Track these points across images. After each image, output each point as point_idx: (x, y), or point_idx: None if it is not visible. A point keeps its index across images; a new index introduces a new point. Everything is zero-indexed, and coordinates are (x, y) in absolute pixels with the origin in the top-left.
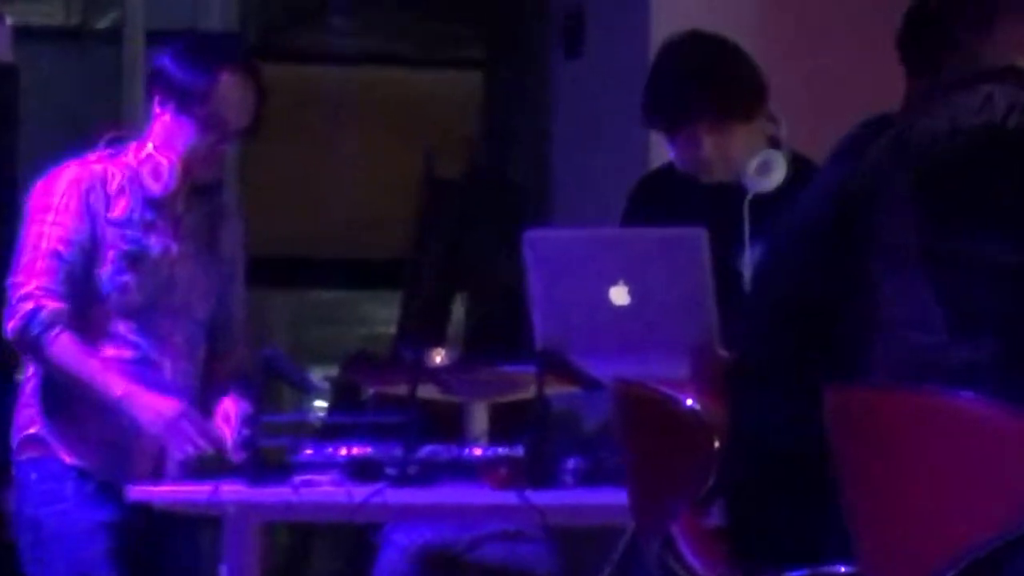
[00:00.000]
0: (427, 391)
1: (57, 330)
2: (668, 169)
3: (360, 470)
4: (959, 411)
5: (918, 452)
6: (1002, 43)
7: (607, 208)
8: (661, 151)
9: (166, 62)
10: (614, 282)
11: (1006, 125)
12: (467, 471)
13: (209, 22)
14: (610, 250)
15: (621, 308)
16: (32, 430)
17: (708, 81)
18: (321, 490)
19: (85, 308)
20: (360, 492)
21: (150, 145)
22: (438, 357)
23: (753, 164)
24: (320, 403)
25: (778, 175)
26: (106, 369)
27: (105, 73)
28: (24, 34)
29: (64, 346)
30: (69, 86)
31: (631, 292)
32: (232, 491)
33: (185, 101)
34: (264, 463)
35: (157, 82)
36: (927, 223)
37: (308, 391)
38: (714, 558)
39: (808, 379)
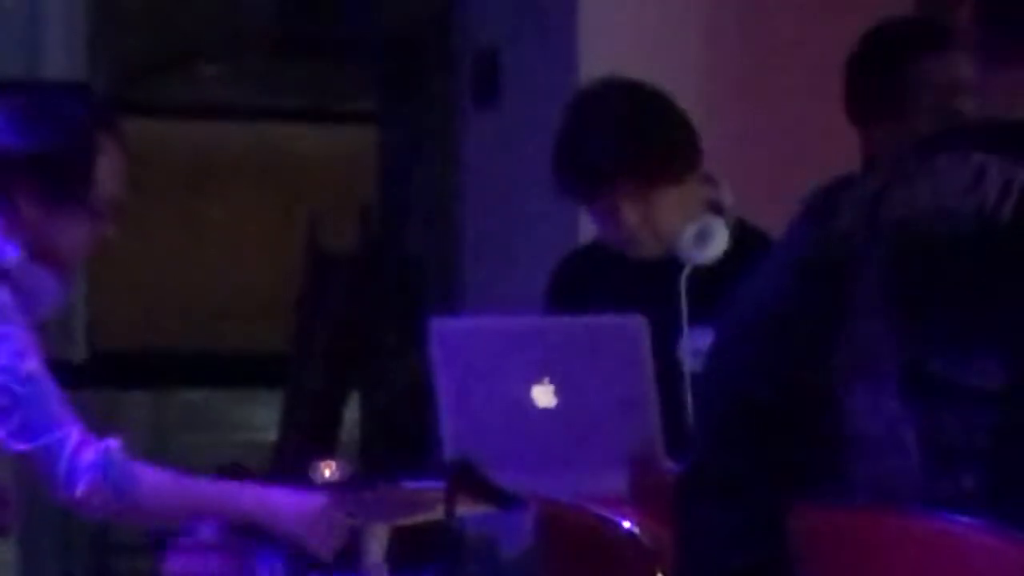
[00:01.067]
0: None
1: (137, 463)
2: (592, 249)
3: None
4: (951, 537)
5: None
6: (1010, 87)
7: (528, 290)
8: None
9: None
10: (538, 380)
11: (1000, 216)
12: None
13: (51, 70)
14: (533, 342)
15: (546, 411)
16: None
17: (626, 136)
18: None
19: None
20: None
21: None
22: (327, 470)
23: (688, 233)
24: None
25: (718, 245)
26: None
27: None
28: None
29: (157, 480)
30: None
31: (557, 392)
32: None
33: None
34: None
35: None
36: (901, 332)
37: None
38: None
39: (766, 494)
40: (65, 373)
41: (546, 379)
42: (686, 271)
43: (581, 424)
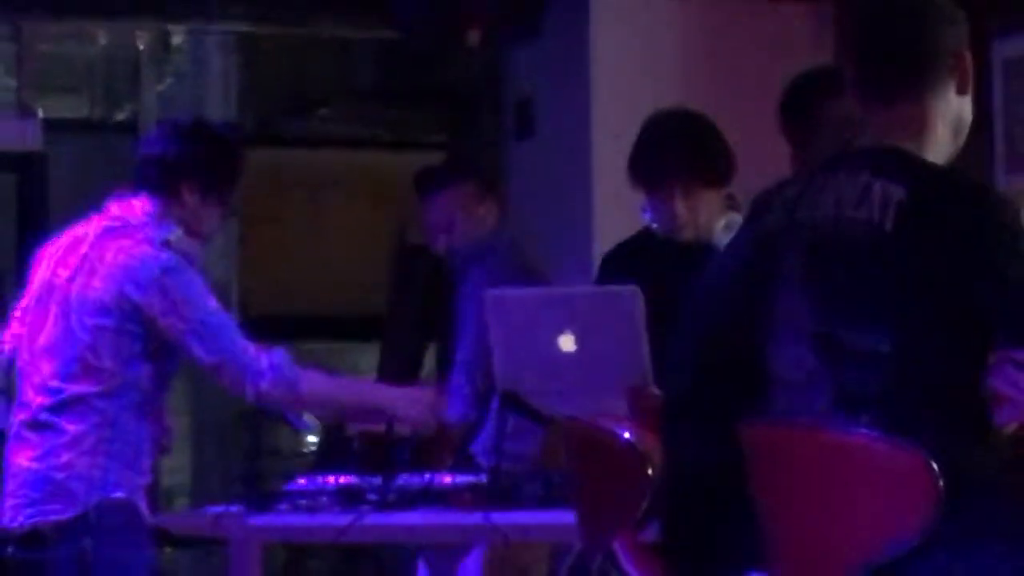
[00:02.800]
0: (403, 427)
1: (297, 367)
2: (641, 235)
3: (346, 497)
4: (852, 444)
5: (818, 480)
6: (891, 121)
7: (556, 269)
8: (605, 219)
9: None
10: (562, 332)
11: (883, 226)
12: (437, 497)
13: (212, 113)
14: (558, 306)
15: (568, 355)
16: (118, 494)
17: (682, 149)
18: (311, 515)
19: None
20: (345, 517)
21: (180, 231)
22: None
23: (721, 223)
24: (312, 439)
25: None
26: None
27: (123, 160)
28: (53, 126)
29: (314, 377)
30: (92, 172)
31: (577, 341)
32: (234, 516)
33: (217, 190)
34: (263, 492)
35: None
36: (814, 307)
37: (301, 429)
38: (650, 570)
39: (724, 414)
40: None
41: (568, 331)
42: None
43: (593, 363)
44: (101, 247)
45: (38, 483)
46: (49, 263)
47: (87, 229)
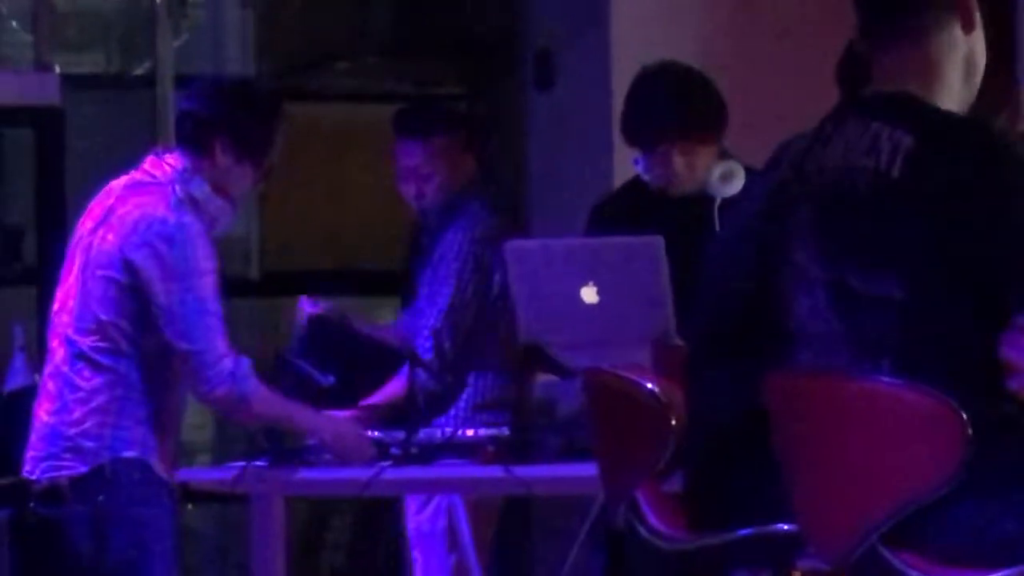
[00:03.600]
0: (425, 382)
1: (255, 382)
2: (631, 186)
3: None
4: (878, 392)
5: (844, 429)
6: (897, 65)
7: (576, 219)
8: (625, 169)
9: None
10: (585, 284)
11: (891, 174)
12: (460, 450)
13: (230, 67)
14: (581, 257)
15: (591, 306)
16: (130, 453)
17: (681, 108)
18: (334, 469)
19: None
20: (367, 471)
21: (208, 189)
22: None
23: (717, 173)
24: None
25: (739, 182)
26: (297, 407)
27: (141, 115)
28: (70, 81)
29: (265, 396)
30: (110, 127)
31: (599, 292)
32: (257, 471)
33: (251, 151)
34: (285, 447)
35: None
36: (826, 257)
37: (322, 384)
38: (674, 520)
39: (747, 363)
40: (243, 287)
41: (591, 282)
42: (717, 203)
43: (616, 315)
44: (124, 200)
45: (53, 438)
46: (85, 215)
47: (120, 182)
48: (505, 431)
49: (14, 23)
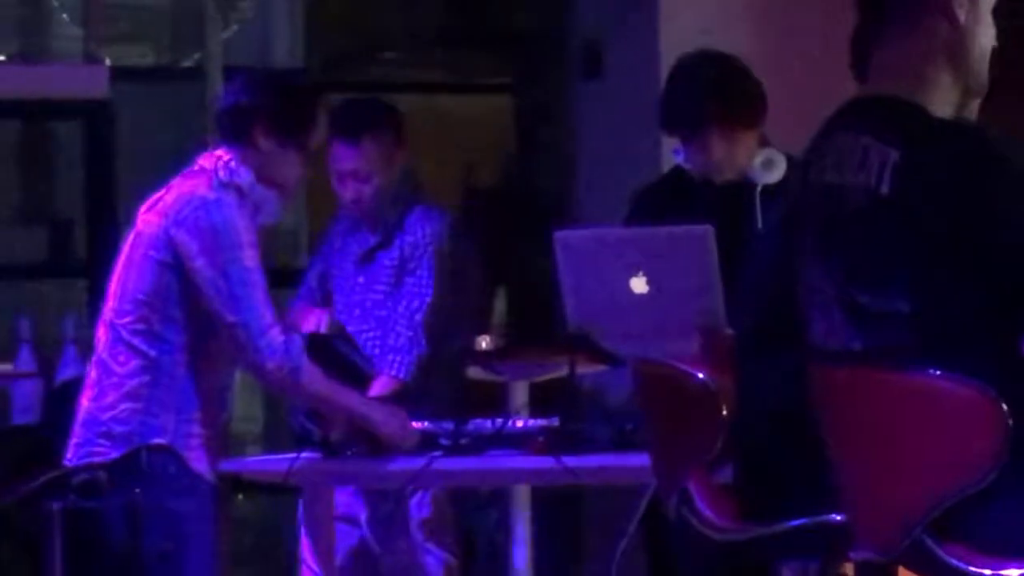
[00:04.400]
0: (475, 372)
1: (307, 359)
2: (673, 175)
3: (418, 442)
4: (922, 384)
5: (889, 420)
6: (883, 68)
7: (623, 210)
8: (672, 160)
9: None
10: (634, 273)
11: (880, 190)
12: (510, 440)
13: (278, 59)
14: (630, 246)
15: (640, 296)
16: (159, 440)
17: (720, 94)
18: (384, 460)
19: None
20: (418, 461)
21: (251, 178)
22: (484, 343)
23: (759, 160)
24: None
25: (780, 169)
26: (347, 390)
27: (190, 107)
28: (119, 74)
29: (317, 373)
30: (159, 119)
31: (649, 282)
32: (308, 463)
33: (292, 135)
34: (332, 438)
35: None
36: (833, 276)
37: (363, 371)
38: (725, 510)
39: (794, 355)
40: (292, 277)
41: (640, 272)
42: (759, 189)
43: (666, 304)
44: (171, 188)
45: (89, 423)
46: (144, 206)
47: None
48: (555, 421)
49: (64, 16)
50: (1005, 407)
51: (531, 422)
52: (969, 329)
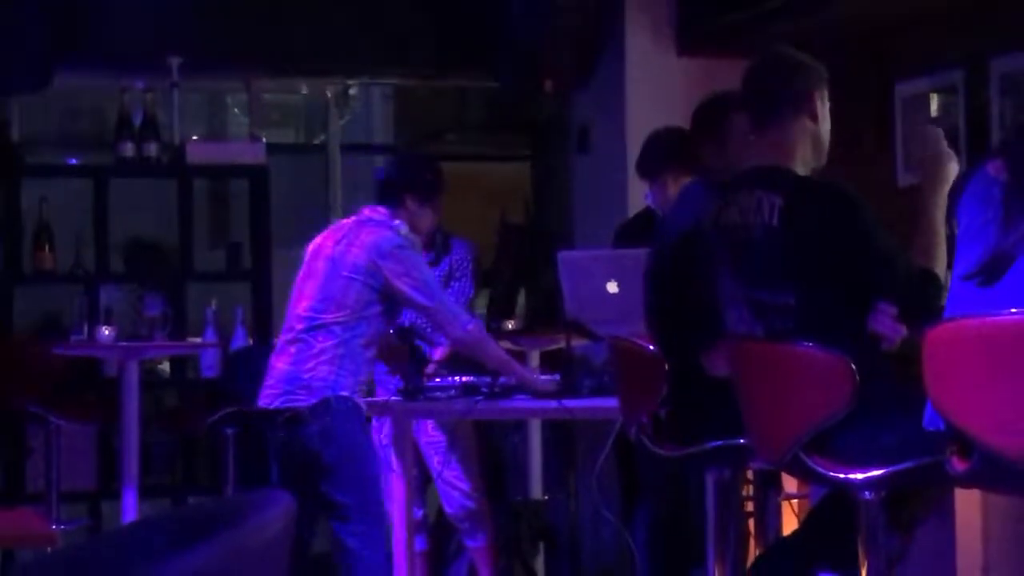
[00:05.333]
0: (504, 345)
1: (487, 334)
2: (643, 213)
3: (466, 390)
4: (797, 352)
5: (776, 376)
6: (768, 146)
7: (605, 238)
8: (634, 208)
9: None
10: (610, 280)
11: (771, 223)
12: (527, 390)
13: (376, 137)
14: (607, 262)
15: (614, 295)
16: (343, 392)
17: (675, 152)
18: (445, 401)
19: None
20: (467, 403)
21: (406, 227)
22: (510, 325)
23: None
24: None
25: None
26: (507, 357)
27: (318, 171)
28: (272, 148)
29: (493, 343)
30: (297, 179)
31: (619, 286)
32: (395, 403)
33: (427, 195)
34: (413, 387)
35: (412, 184)
36: (742, 282)
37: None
38: (667, 436)
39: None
40: None
41: (614, 280)
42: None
43: (631, 301)
44: (358, 230)
45: (290, 379)
46: (320, 241)
47: (348, 222)
48: (557, 377)
49: (236, 110)
50: (854, 367)
51: (541, 378)
52: (833, 315)
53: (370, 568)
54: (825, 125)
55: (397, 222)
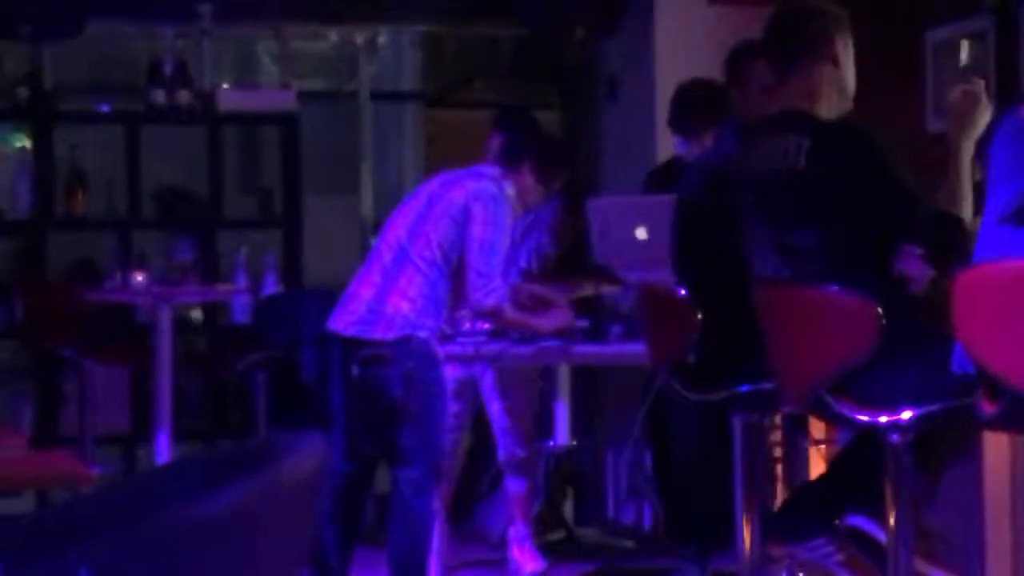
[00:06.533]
0: (534, 289)
1: (508, 302)
2: (672, 160)
3: (496, 335)
4: (823, 295)
5: (803, 320)
6: (792, 92)
7: (633, 186)
8: (664, 151)
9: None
10: (639, 225)
11: (798, 166)
12: (559, 334)
13: (404, 85)
14: (635, 208)
15: (643, 241)
16: (422, 334)
17: (710, 106)
18: (476, 346)
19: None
20: (498, 346)
21: (512, 191)
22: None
23: None
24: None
25: None
26: (527, 314)
27: (348, 119)
28: (302, 96)
29: (510, 310)
30: (327, 126)
31: (648, 231)
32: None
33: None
34: (448, 332)
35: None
36: (767, 226)
37: None
38: (697, 381)
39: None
40: None
41: (643, 224)
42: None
43: (658, 247)
44: (467, 176)
45: (370, 310)
46: (433, 181)
47: (459, 172)
48: (587, 323)
49: (266, 58)
50: (880, 310)
51: (577, 323)
52: (859, 257)
53: (423, 514)
54: (849, 70)
55: (506, 183)
